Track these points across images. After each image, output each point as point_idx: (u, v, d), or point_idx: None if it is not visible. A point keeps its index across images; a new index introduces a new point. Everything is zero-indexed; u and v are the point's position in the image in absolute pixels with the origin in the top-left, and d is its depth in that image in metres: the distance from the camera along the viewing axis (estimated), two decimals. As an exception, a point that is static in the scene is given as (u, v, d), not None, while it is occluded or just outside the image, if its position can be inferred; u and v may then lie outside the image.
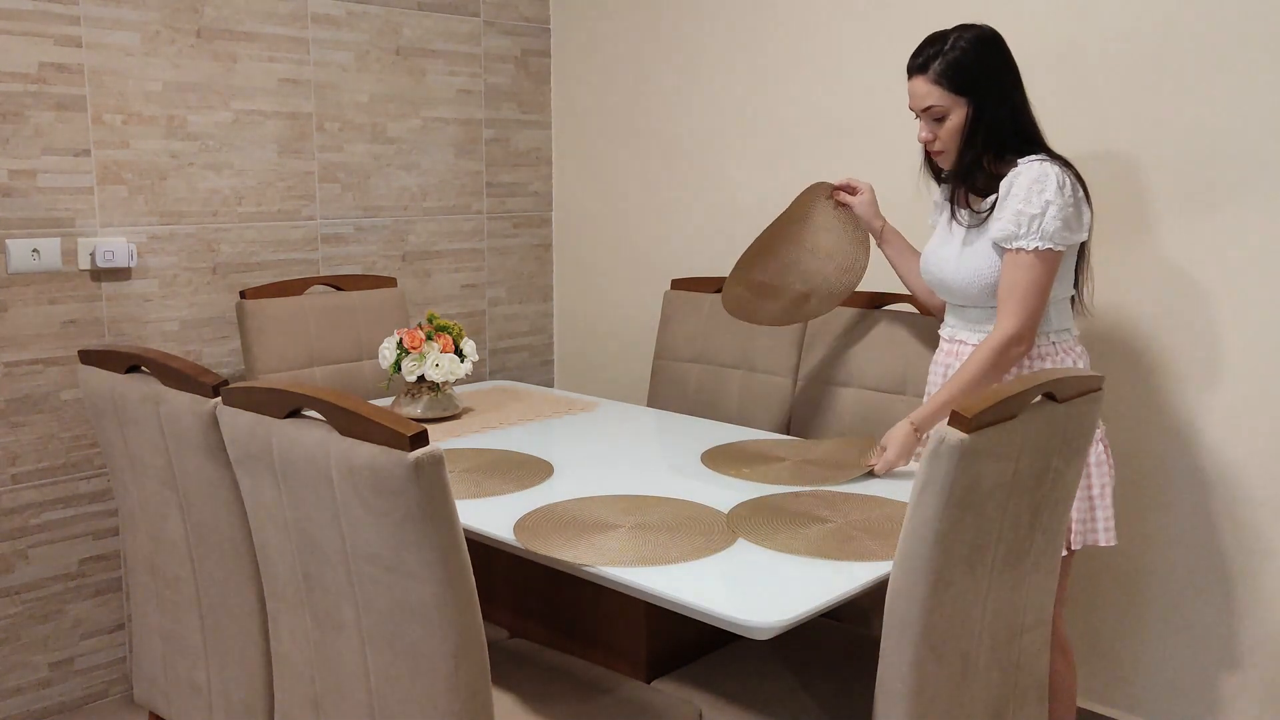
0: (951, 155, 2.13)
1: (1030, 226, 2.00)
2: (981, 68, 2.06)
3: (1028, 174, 2.02)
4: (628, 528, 1.85)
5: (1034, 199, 2.00)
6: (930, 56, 2.08)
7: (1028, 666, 1.85)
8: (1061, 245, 2.01)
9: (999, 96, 2.07)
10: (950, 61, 2.06)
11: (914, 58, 2.11)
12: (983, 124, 2.07)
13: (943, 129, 2.10)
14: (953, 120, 2.08)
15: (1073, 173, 2.06)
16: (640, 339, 3.48)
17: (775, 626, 1.52)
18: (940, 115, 2.09)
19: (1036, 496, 1.71)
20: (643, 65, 3.37)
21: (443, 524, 1.44)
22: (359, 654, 1.58)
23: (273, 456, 1.57)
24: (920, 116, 2.13)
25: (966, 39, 2.07)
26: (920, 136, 2.15)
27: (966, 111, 2.07)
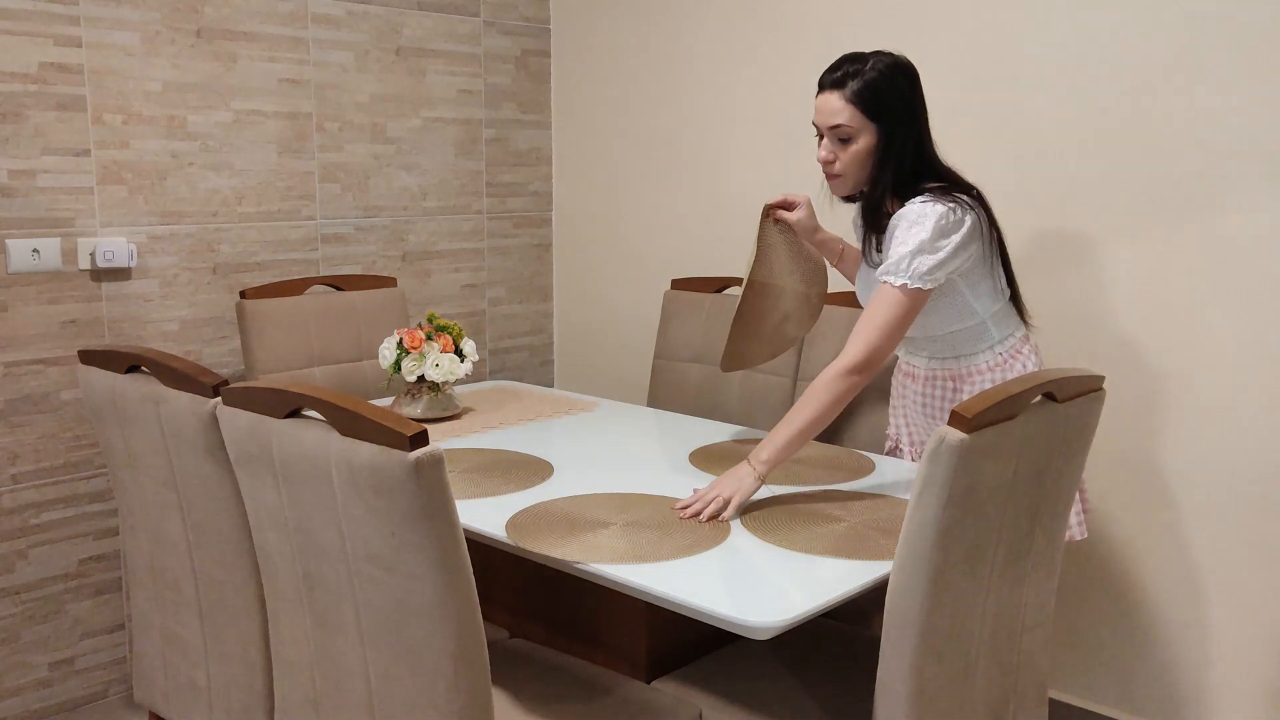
0: (848, 182, 2.08)
1: (900, 265, 1.97)
2: (897, 96, 2.01)
3: (909, 215, 2.00)
4: (619, 525, 1.86)
5: (909, 239, 1.98)
6: (848, 74, 2.01)
7: (1027, 666, 1.85)
8: (930, 284, 1.98)
9: (909, 128, 2.03)
10: (868, 83, 2.00)
11: (830, 72, 2.04)
12: (891, 154, 2.03)
13: (846, 152, 2.04)
14: (858, 145, 2.03)
15: (964, 205, 2.01)
16: (640, 339, 3.48)
17: (775, 626, 1.52)
18: (847, 136, 2.03)
19: (1036, 496, 1.71)
20: (643, 65, 3.37)
21: (443, 524, 1.44)
22: (359, 654, 1.58)
23: (273, 456, 1.57)
24: (825, 134, 2.05)
25: (885, 64, 2.02)
26: (820, 156, 2.08)
27: (874, 139, 2.02)
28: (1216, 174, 2.32)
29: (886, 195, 2.06)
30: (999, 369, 2.14)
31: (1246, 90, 2.26)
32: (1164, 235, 2.40)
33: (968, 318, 2.11)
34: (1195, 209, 2.35)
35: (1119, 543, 2.54)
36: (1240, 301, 2.32)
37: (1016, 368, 2.14)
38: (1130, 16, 2.40)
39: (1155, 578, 2.51)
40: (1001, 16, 2.59)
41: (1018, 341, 2.17)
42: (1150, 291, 2.43)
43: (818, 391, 1.97)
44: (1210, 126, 2.31)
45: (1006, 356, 2.15)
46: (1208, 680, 2.46)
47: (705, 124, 3.24)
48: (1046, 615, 1.87)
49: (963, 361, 2.16)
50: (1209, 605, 2.44)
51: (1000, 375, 2.14)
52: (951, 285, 2.05)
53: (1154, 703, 2.54)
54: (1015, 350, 2.16)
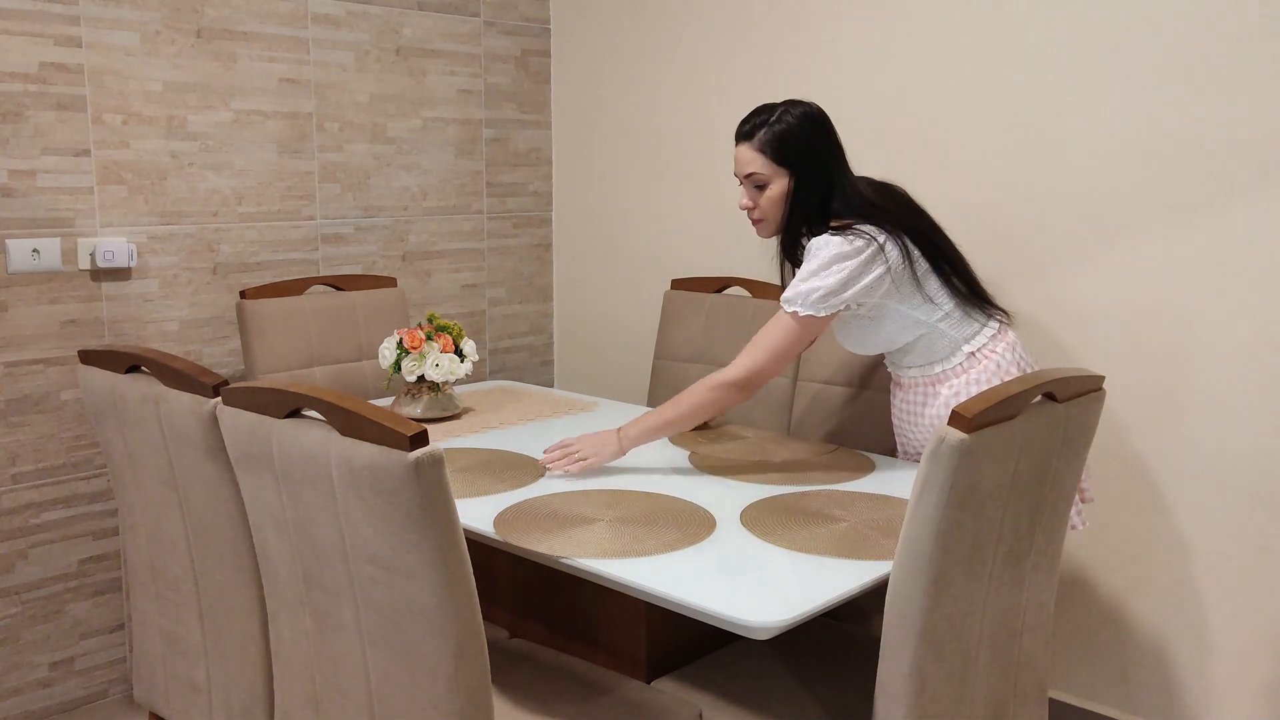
0: (770, 225, 2.21)
1: (797, 293, 2.10)
2: (805, 142, 2.14)
3: (812, 247, 2.12)
4: (606, 521, 1.87)
5: (805, 270, 2.11)
6: (756, 125, 2.15)
7: (1028, 666, 1.85)
8: (825, 312, 2.09)
9: (817, 171, 2.15)
10: (776, 133, 2.14)
11: (742, 125, 2.18)
12: (801, 195, 2.15)
13: (762, 197, 2.18)
14: (772, 190, 2.16)
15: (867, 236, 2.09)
16: (640, 339, 3.48)
17: (775, 626, 1.52)
18: (761, 183, 2.16)
19: (1036, 496, 1.71)
20: (643, 65, 3.37)
21: (443, 524, 1.44)
22: (359, 654, 1.58)
23: (273, 456, 1.57)
24: (743, 183, 2.20)
25: (794, 114, 2.15)
26: (741, 204, 2.22)
27: (787, 183, 2.15)
28: (1216, 173, 2.32)
29: (801, 231, 2.19)
30: (974, 368, 2.18)
31: (1245, 88, 2.26)
32: (1163, 234, 2.40)
33: (915, 328, 2.18)
34: (1194, 208, 2.35)
35: (1119, 542, 2.54)
36: (1240, 300, 2.32)
37: (989, 365, 2.17)
38: (1129, 14, 2.40)
39: (1155, 577, 2.51)
40: (998, 14, 2.59)
41: (987, 339, 2.20)
42: (1149, 291, 2.43)
43: (694, 393, 2.14)
44: (1210, 125, 2.31)
45: (980, 356, 2.18)
46: (1208, 680, 2.46)
47: (705, 124, 3.24)
48: (1046, 615, 1.87)
49: (937, 365, 2.21)
50: (1209, 605, 2.44)
51: (978, 374, 2.17)
52: (879, 306, 2.15)
53: (1154, 703, 2.54)
54: (989, 348, 2.19)
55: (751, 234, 3.15)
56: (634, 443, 2.15)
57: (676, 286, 3.06)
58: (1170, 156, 2.37)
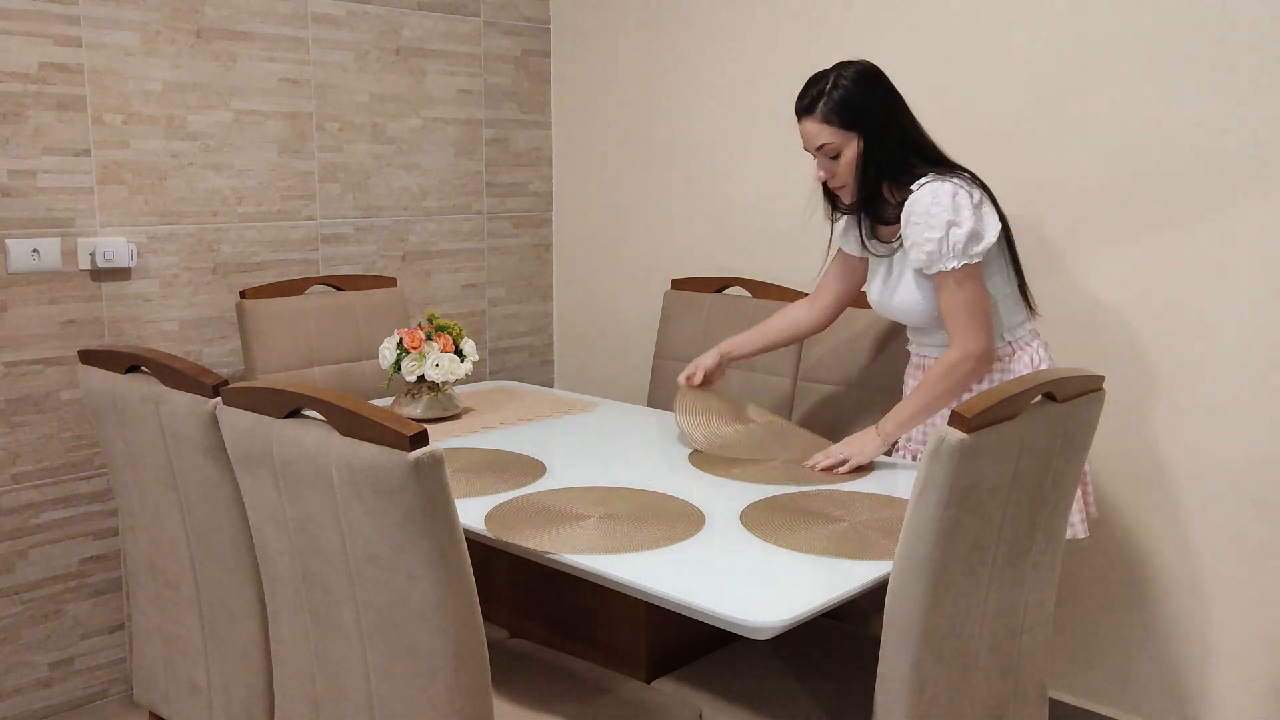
0: (851, 190, 2.17)
1: (940, 249, 2.05)
2: (866, 101, 2.11)
3: (921, 200, 2.07)
4: (597, 518, 1.88)
5: (933, 222, 2.05)
6: (815, 97, 2.12)
7: (1028, 666, 1.85)
8: (976, 257, 2.05)
9: (886, 126, 2.12)
10: (837, 100, 2.10)
11: (799, 100, 2.16)
12: (875, 155, 2.11)
13: (838, 165, 2.14)
14: (847, 156, 2.13)
15: (968, 181, 2.09)
16: (640, 339, 3.48)
17: (775, 626, 1.52)
18: (834, 153, 2.13)
19: (1036, 496, 1.71)
20: (643, 65, 3.37)
21: (443, 524, 1.44)
22: (359, 654, 1.58)
23: (273, 456, 1.57)
24: (816, 156, 2.17)
25: (848, 75, 2.12)
26: (818, 176, 2.20)
27: (858, 145, 2.11)
28: (1216, 172, 2.32)
29: (883, 186, 2.14)
30: (1009, 358, 2.17)
31: (1247, 89, 2.26)
32: (1165, 234, 2.40)
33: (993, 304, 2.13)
34: (1196, 207, 2.35)
35: (1120, 541, 2.54)
36: (1242, 299, 2.32)
37: (1025, 359, 2.17)
38: (1130, 16, 2.40)
39: (1156, 577, 2.51)
40: (1000, 15, 2.59)
41: (1027, 334, 2.20)
42: (1152, 290, 2.43)
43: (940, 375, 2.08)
44: (1212, 126, 2.31)
45: (1016, 347, 2.17)
46: (1208, 680, 2.46)
47: (706, 123, 3.24)
48: (1046, 614, 1.87)
49: None
50: (1210, 604, 2.44)
51: (1011, 365, 2.16)
52: None
53: (1154, 702, 2.54)
54: (1025, 342, 2.19)
55: (751, 233, 3.16)
56: (894, 436, 2.15)
57: (676, 286, 3.06)
58: (1172, 157, 2.37)
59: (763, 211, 3.13)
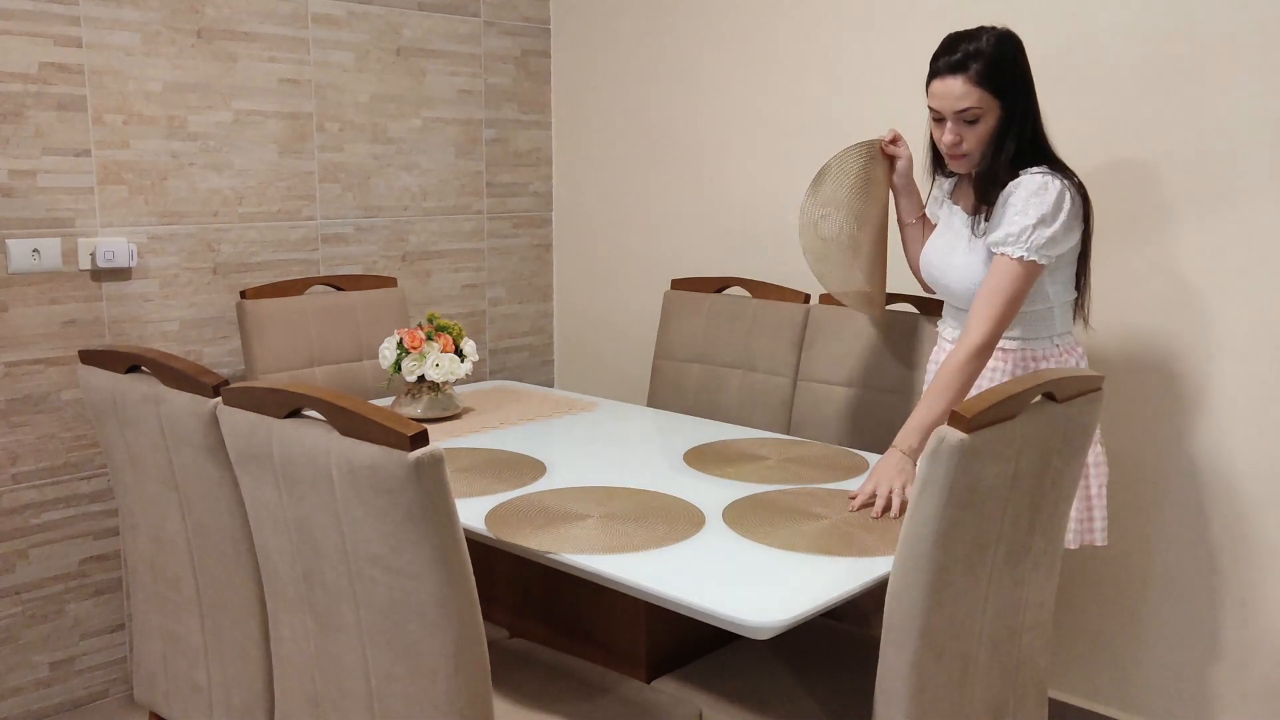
0: (974, 159, 2.07)
1: (1021, 236, 1.99)
2: (1015, 69, 2.02)
3: (1029, 184, 2.01)
4: (597, 517, 1.89)
5: (1030, 210, 1.99)
6: (969, 55, 1.99)
7: (1027, 666, 1.85)
8: (1045, 260, 2.01)
9: (1028, 101, 2.04)
10: (991, 61, 1.99)
11: (947, 55, 2.02)
12: (1013, 128, 2.02)
13: (972, 133, 2.03)
14: (986, 123, 2.02)
15: (1074, 185, 2.05)
16: (640, 339, 3.48)
17: (776, 626, 1.52)
18: (975, 117, 2.02)
19: (1036, 496, 1.71)
20: (643, 65, 3.37)
21: (443, 523, 1.44)
22: (359, 654, 1.58)
23: (273, 456, 1.57)
24: (949, 119, 2.04)
25: (999, 38, 2.01)
26: (945, 140, 2.06)
27: (999, 115, 2.02)
28: (1224, 169, 2.31)
29: (1005, 168, 2.04)
30: (1053, 359, 2.12)
31: (1256, 84, 2.26)
32: (1165, 236, 2.40)
33: (1039, 300, 2.09)
34: (1195, 211, 2.35)
35: (1122, 541, 2.54)
36: (1250, 298, 2.32)
37: (1069, 364, 2.13)
38: (1137, 12, 2.40)
39: (1157, 576, 2.51)
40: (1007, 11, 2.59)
41: (1072, 340, 2.17)
42: (1158, 289, 2.43)
43: (952, 375, 2.00)
44: (1219, 121, 2.31)
45: (1063, 350, 2.14)
46: (1210, 680, 2.46)
47: (705, 123, 3.24)
48: (1046, 615, 1.87)
49: (1023, 345, 2.12)
50: (1211, 605, 2.44)
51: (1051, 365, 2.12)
52: None
53: (1154, 702, 2.54)
54: (1070, 348, 2.15)
55: (751, 233, 3.16)
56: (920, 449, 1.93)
57: (676, 286, 3.06)
58: (1178, 152, 2.37)
59: (763, 211, 3.13)
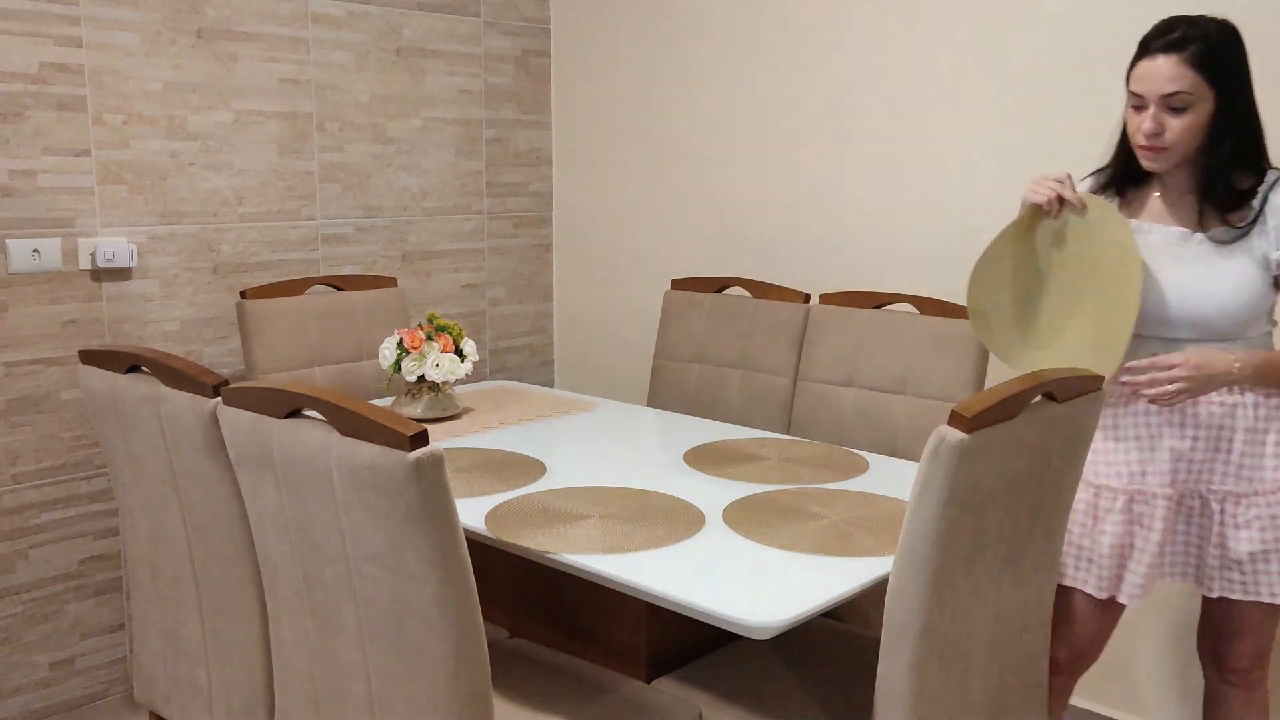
0: (1175, 155, 1.86)
1: None
2: (1236, 59, 1.83)
3: None
4: (597, 517, 1.89)
5: None
6: (1187, 37, 1.80)
7: (1028, 667, 1.85)
8: None
9: (1245, 95, 1.85)
10: (1212, 46, 1.80)
11: (1162, 35, 1.83)
12: (1232, 123, 1.83)
13: (1179, 122, 1.82)
14: (1195, 114, 1.82)
15: None
16: (641, 339, 3.48)
17: (775, 626, 1.52)
18: (1183, 105, 1.81)
19: (1037, 497, 1.71)
20: (643, 65, 3.37)
21: (443, 524, 1.44)
22: (359, 654, 1.58)
23: (273, 456, 1.57)
24: (1154, 104, 1.83)
25: (1221, 25, 1.83)
26: (1145, 128, 1.84)
27: (1213, 107, 1.82)
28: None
29: (1232, 167, 1.86)
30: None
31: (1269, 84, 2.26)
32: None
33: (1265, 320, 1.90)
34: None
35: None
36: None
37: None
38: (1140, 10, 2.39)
39: (1155, 578, 2.50)
40: (1008, 11, 2.59)
41: None
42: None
43: None
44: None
45: None
46: (1208, 680, 2.46)
47: (705, 124, 3.24)
48: (1046, 615, 1.87)
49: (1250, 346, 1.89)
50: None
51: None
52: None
53: (1156, 702, 2.54)
54: None
55: (752, 233, 3.16)
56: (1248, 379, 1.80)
57: (676, 287, 3.06)
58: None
59: (763, 211, 3.13)
